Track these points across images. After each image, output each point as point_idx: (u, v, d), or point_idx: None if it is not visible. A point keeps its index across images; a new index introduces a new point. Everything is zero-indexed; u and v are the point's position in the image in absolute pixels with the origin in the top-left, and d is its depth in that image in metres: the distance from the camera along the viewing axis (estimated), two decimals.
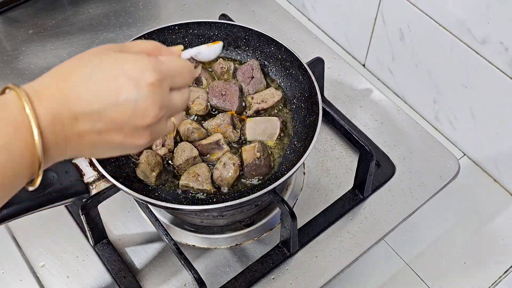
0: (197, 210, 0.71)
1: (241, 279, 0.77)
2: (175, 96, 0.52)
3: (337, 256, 0.79)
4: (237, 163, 0.74)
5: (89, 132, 0.47)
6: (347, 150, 0.91)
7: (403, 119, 0.94)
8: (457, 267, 0.90)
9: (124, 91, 0.46)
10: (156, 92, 0.48)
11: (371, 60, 1.15)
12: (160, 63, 0.49)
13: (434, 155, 0.90)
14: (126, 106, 0.46)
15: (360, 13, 1.10)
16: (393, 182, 0.87)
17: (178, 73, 0.51)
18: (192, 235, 0.82)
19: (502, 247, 0.93)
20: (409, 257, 0.91)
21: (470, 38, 0.90)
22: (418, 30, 0.99)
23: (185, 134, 0.77)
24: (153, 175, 0.73)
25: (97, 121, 0.46)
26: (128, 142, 0.49)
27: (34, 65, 1.03)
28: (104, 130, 0.47)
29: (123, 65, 0.47)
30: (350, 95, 0.98)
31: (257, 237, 0.82)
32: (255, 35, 0.85)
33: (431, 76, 1.02)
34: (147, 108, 0.47)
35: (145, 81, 0.47)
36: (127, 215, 0.84)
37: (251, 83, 0.83)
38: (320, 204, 0.85)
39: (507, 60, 0.86)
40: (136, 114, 0.47)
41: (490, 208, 0.98)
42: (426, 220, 0.95)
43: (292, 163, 0.74)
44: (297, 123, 0.80)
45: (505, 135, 0.95)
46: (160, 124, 0.50)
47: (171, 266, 0.79)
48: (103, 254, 0.79)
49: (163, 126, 0.52)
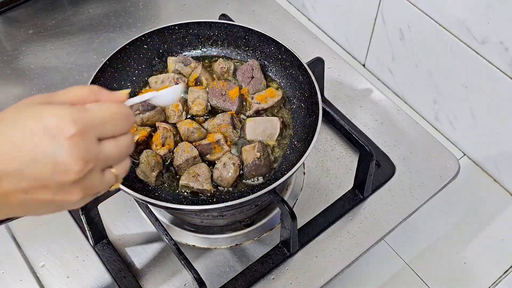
0: (197, 210, 0.71)
1: (241, 279, 0.77)
2: (107, 145, 0.47)
3: (337, 256, 0.79)
4: (237, 163, 0.74)
5: (14, 191, 0.44)
6: (347, 150, 0.91)
7: (403, 119, 0.94)
8: (457, 267, 0.90)
9: (40, 147, 0.43)
10: (77, 144, 0.44)
11: (371, 60, 1.15)
12: (83, 111, 0.46)
13: (434, 155, 0.90)
14: (45, 162, 0.44)
15: (360, 13, 1.10)
16: (393, 182, 0.87)
17: (109, 120, 0.47)
18: (192, 235, 0.82)
19: (502, 247, 0.93)
20: (409, 257, 0.92)
21: (470, 38, 0.90)
22: (418, 30, 0.99)
23: (185, 134, 0.77)
24: (153, 175, 0.73)
25: (19, 179, 0.44)
26: (60, 200, 0.46)
27: (34, 65, 1.03)
28: (29, 188, 0.44)
29: (41, 118, 0.44)
30: (350, 95, 0.98)
31: (257, 237, 0.82)
32: (255, 35, 0.85)
33: (431, 76, 1.02)
34: (68, 162, 0.44)
35: (63, 134, 0.44)
36: (127, 215, 0.84)
37: (251, 83, 0.83)
38: (320, 204, 0.85)
39: (507, 60, 0.86)
40: (58, 170, 0.44)
41: (490, 208, 0.98)
42: (426, 220, 0.95)
43: (292, 163, 0.74)
44: (297, 123, 0.80)
45: (505, 135, 0.95)
46: (91, 178, 0.46)
47: (171, 266, 0.79)
48: (103, 254, 0.79)
49: (97, 179, 0.47)
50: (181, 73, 0.84)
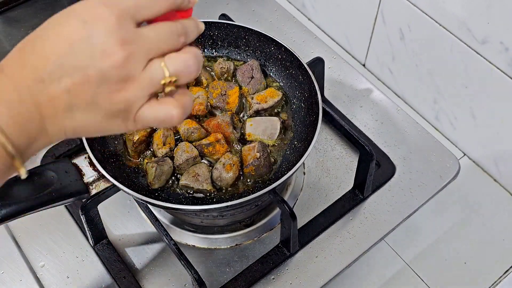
0: (197, 210, 0.71)
1: (241, 279, 0.77)
2: (145, 30, 0.44)
3: (337, 256, 0.79)
4: (236, 163, 0.74)
5: (58, 92, 0.42)
6: (347, 150, 0.91)
7: (403, 119, 0.94)
8: (457, 267, 0.90)
9: (73, 33, 0.42)
10: (112, 25, 0.42)
11: (371, 60, 1.15)
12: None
13: (434, 155, 0.90)
14: (82, 47, 0.41)
15: (360, 13, 1.10)
16: (393, 182, 0.87)
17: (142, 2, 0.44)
18: (192, 235, 0.82)
19: (502, 247, 0.93)
20: (409, 257, 0.91)
21: (470, 38, 0.90)
22: (418, 30, 0.99)
23: (185, 134, 0.77)
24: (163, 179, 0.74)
25: (61, 75, 0.42)
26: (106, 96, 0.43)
27: None
28: (71, 84, 0.42)
29: (72, 11, 0.43)
30: (350, 95, 0.98)
31: (257, 237, 0.82)
32: (255, 35, 0.85)
33: (431, 76, 1.02)
34: (104, 42, 0.41)
35: (95, 16, 0.42)
36: (127, 215, 0.84)
37: (251, 83, 0.83)
38: (320, 204, 0.85)
39: (507, 60, 0.86)
40: (95, 54, 0.41)
41: (491, 208, 0.98)
42: (426, 220, 0.95)
43: (292, 163, 0.74)
44: (297, 123, 0.80)
45: (505, 135, 0.94)
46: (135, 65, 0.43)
47: (171, 266, 0.79)
48: (103, 254, 0.79)
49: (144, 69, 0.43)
50: None
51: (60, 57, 0.42)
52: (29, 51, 0.43)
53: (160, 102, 0.46)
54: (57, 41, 0.42)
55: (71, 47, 0.42)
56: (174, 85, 0.45)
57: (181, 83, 0.46)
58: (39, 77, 0.42)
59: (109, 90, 0.43)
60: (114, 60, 0.42)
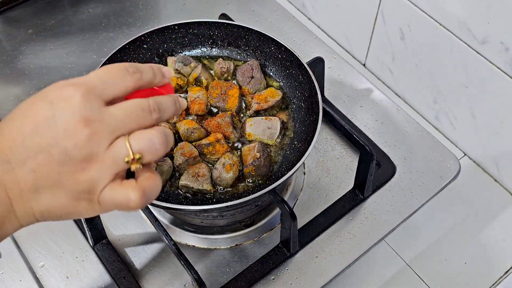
0: (197, 210, 0.71)
1: (241, 280, 0.77)
2: (113, 109, 0.44)
3: (337, 257, 0.79)
4: (237, 163, 0.74)
5: (24, 173, 0.42)
6: (347, 150, 0.91)
7: (404, 119, 0.94)
8: (457, 267, 0.90)
9: (39, 114, 0.42)
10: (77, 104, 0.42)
11: (371, 59, 1.15)
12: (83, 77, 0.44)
13: (434, 155, 0.90)
14: (46, 128, 0.42)
15: (360, 13, 1.10)
16: (393, 182, 0.87)
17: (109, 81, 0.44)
18: (192, 236, 0.82)
19: (502, 247, 0.93)
20: (410, 257, 0.91)
21: (470, 38, 0.90)
22: (418, 30, 0.99)
23: (185, 134, 0.77)
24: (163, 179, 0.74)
25: (27, 156, 0.42)
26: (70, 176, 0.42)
27: (34, 65, 1.03)
28: (36, 165, 0.42)
29: (43, 91, 0.44)
30: (350, 95, 0.98)
31: (257, 237, 0.82)
32: (255, 35, 0.85)
33: (432, 76, 1.02)
34: (68, 122, 0.41)
35: (61, 97, 0.42)
36: (127, 215, 0.84)
37: (251, 83, 0.83)
38: (320, 204, 0.85)
39: (507, 60, 0.86)
40: (59, 134, 0.41)
41: (491, 208, 0.98)
42: (427, 220, 0.95)
43: (292, 163, 0.74)
44: (297, 123, 0.80)
45: (505, 135, 0.94)
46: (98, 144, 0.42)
47: (171, 267, 0.79)
48: (103, 254, 0.79)
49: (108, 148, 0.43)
50: (181, 73, 0.84)
51: (25, 138, 0.42)
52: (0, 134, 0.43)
53: (122, 184, 0.44)
54: (23, 122, 0.43)
55: (36, 128, 0.42)
56: (139, 163, 0.44)
57: (147, 161, 0.45)
58: (6, 158, 0.42)
59: (73, 170, 0.42)
60: (77, 139, 0.41)
